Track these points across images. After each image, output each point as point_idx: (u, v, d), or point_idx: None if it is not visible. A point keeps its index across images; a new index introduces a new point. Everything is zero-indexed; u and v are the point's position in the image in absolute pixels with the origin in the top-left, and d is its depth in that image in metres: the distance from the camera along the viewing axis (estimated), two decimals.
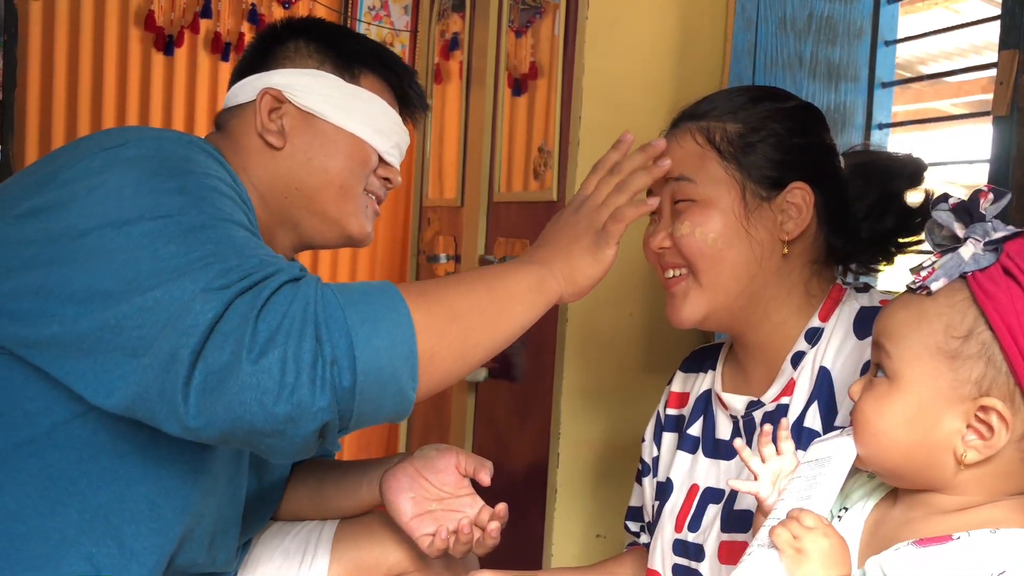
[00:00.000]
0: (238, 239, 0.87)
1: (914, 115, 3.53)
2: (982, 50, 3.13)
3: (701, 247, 1.02)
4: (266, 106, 1.11)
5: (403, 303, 0.84)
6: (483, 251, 2.22)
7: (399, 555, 1.26)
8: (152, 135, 0.96)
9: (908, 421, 0.78)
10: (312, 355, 0.79)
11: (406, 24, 3.46)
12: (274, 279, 0.83)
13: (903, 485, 0.82)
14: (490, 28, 2.18)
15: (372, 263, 3.57)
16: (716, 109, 1.07)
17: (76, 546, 0.92)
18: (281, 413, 0.78)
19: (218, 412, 0.79)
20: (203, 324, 0.78)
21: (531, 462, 1.86)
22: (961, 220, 0.78)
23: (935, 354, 0.77)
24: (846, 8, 1.66)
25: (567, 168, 1.71)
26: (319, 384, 0.79)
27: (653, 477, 1.21)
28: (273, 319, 0.79)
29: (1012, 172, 1.20)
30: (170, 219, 0.85)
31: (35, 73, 2.96)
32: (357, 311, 0.82)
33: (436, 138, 2.76)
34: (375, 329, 0.82)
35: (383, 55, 1.21)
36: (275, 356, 0.78)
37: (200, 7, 3.11)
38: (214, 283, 0.80)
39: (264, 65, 1.15)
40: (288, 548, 1.28)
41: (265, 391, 0.78)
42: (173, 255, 0.82)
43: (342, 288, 0.85)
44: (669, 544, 1.10)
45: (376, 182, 1.18)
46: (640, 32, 1.69)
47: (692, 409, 1.17)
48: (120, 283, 0.82)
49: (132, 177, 0.89)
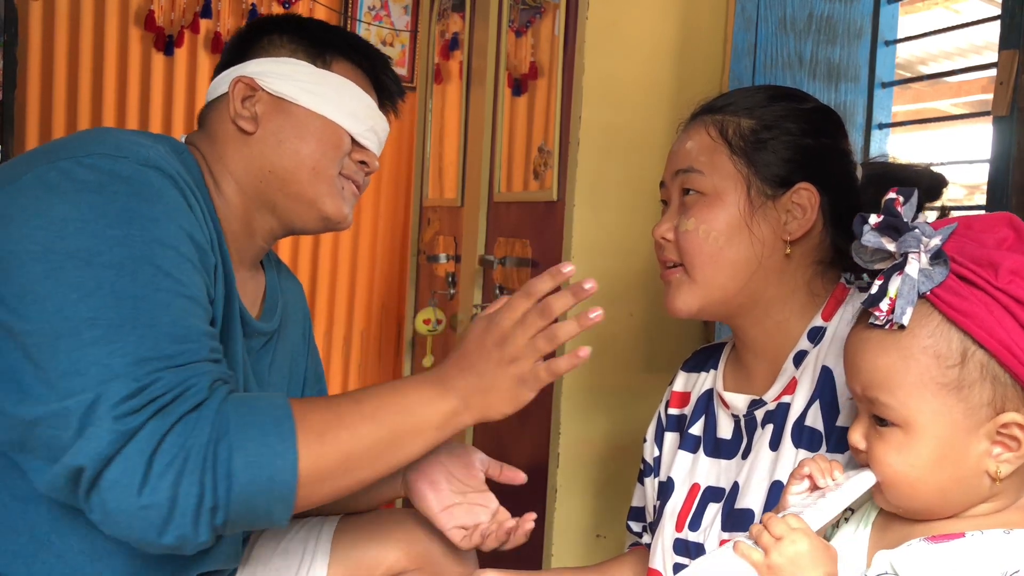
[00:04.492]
0: (163, 326, 0.89)
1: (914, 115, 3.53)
2: (982, 50, 3.13)
3: (701, 245, 1.03)
4: (239, 93, 1.14)
5: (293, 449, 0.89)
6: (483, 251, 2.22)
7: (399, 555, 1.26)
8: (114, 151, 0.95)
9: (936, 463, 0.75)
10: (197, 498, 0.85)
11: (406, 24, 3.46)
12: (179, 403, 0.87)
13: (939, 516, 0.78)
14: (490, 28, 2.18)
15: (372, 263, 3.57)
16: (733, 104, 1.07)
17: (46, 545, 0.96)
18: (167, 542, 0.87)
19: (113, 528, 0.87)
20: (105, 452, 0.84)
21: (531, 462, 1.85)
22: (888, 236, 0.76)
23: (937, 391, 0.74)
24: (846, 8, 1.66)
25: (567, 168, 1.71)
26: (202, 524, 0.87)
27: (655, 477, 1.21)
28: (168, 454, 0.85)
29: (1012, 172, 1.20)
30: (105, 273, 0.88)
31: (35, 73, 2.96)
32: (245, 454, 0.87)
33: (436, 138, 2.76)
34: (257, 474, 0.87)
35: (356, 43, 1.23)
36: (164, 496, 0.84)
37: (200, 7, 3.11)
38: (122, 408, 0.84)
39: (241, 58, 1.18)
40: (287, 547, 1.28)
41: (151, 524, 0.85)
42: (92, 343, 0.86)
43: (243, 419, 0.89)
44: (670, 543, 1.10)
45: (352, 165, 1.19)
46: (640, 32, 1.69)
47: (694, 408, 1.17)
48: (37, 378, 0.86)
49: (78, 211, 0.90)
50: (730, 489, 1.05)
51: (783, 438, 1.00)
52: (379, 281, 3.61)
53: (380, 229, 3.58)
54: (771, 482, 0.99)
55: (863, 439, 0.80)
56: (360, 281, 3.56)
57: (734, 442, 1.09)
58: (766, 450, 1.02)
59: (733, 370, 1.14)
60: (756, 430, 1.05)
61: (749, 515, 1.00)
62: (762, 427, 1.04)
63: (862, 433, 0.81)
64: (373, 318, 3.59)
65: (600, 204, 1.69)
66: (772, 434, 1.02)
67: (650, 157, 1.71)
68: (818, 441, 0.98)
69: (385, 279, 3.62)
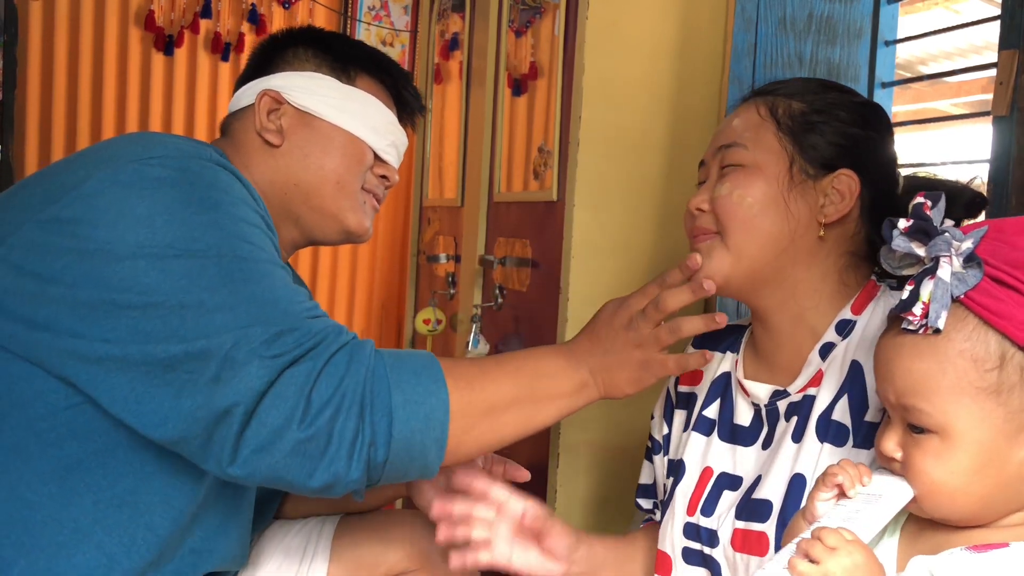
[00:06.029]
0: (278, 287, 0.91)
1: (914, 115, 3.54)
2: (982, 50, 3.13)
3: (736, 209, 1.02)
4: (265, 106, 1.16)
5: (445, 389, 0.91)
6: (483, 251, 2.22)
7: (399, 554, 1.26)
8: (176, 152, 0.97)
9: (979, 470, 0.74)
10: (354, 432, 0.86)
11: (406, 24, 3.46)
12: (324, 347, 0.88)
13: (977, 524, 0.77)
14: (490, 28, 2.18)
15: (372, 263, 3.57)
16: (787, 88, 1.08)
17: (90, 536, 0.94)
18: (318, 479, 0.87)
19: (261, 468, 0.86)
20: (258, 387, 0.84)
21: (531, 462, 1.85)
22: (918, 240, 0.75)
23: (976, 395, 0.73)
24: (846, 8, 1.66)
25: (567, 168, 1.71)
26: (356, 460, 0.87)
27: (664, 455, 1.20)
28: (326, 391, 0.86)
29: (1012, 172, 1.20)
30: (207, 260, 0.89)
31: (35, 73, 2.96)
32: (402, 391, 0.89)
33: (436, 138, 2.76)
34: (415, 411, 0.89)
35: (379, 59, 1.26)
36: (323, 428, 0.85)
37: (200, 7, 3.11)
38: (267, 350, 0.85)
39: (265, 71, 1.21)
40: (288, 547, 1.28)
41: (309, 458, 0.85)
42: (218, 308, 0.86)
43: (394, 362, 0.91)
44: (680, 527, 1.09)
45: (373, 180, 1.23)
46: (640, 32, 1.69)
47: (708, 390, 1.15)
48: (166, 327, 0.86)
49: (162, 204, 0.90)
50: (752, 480, 1.04)
51: (807, 431, 1.00)
52: (379, 281, 3.61)
53: (380, 229, 3.58)
54: (792, 474, 0.99)
55: (898, 447, 0.79)
56: (360, 281, 3.56)
57: (753, 430, 1.08)
58: (789, 442, 1.01)
59: (752, 357, 1.13)
60: (779, 421, 1.04)
61: (767, 506, 0.99)
62: (786, 419, 1.03)
63: (897, 441, 0.79)
64: (373, 318, 3.59)
65: (600, 204, 1.69)
66: (796, 426, 1.01)
67: (650, 157, 1.71)
68: (844, 436, 0.97)
69: (385, 279, 3.63)
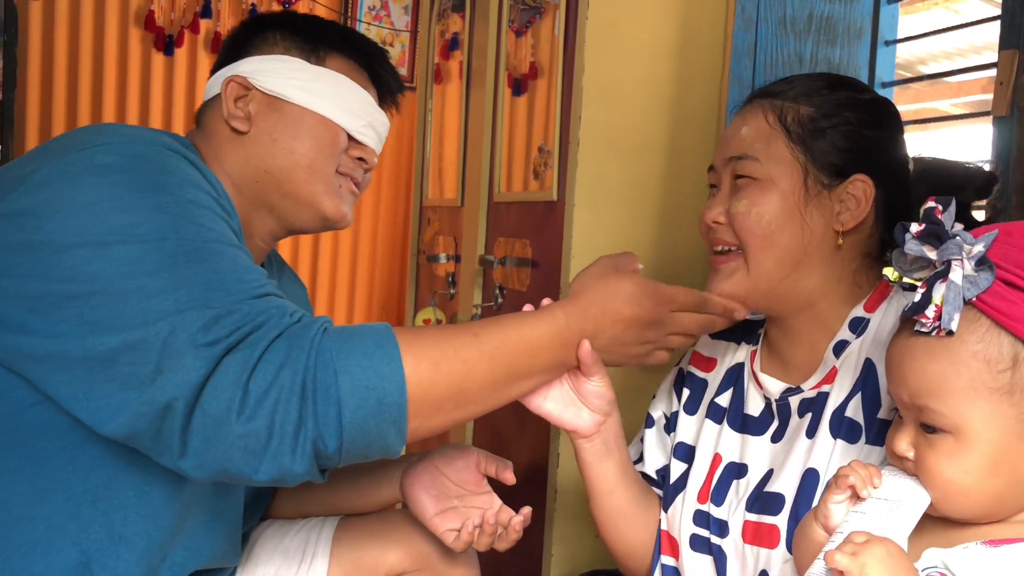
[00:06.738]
0: (224, 267, 0.88)
1: (914, 115, 3.53)
2: (982, 50, 3.13)
3: (754, 227, 1.02)
4: (231, 93, 1.13)
5: (400, 370, 0.85)
6: (483, 251, 2.22)
7: (399, 555, 1.26)
8: (125, 138, 0.95)
9: (992, 469, 0.75)
10: (296, 425, 0.83)
11: (406, 24, 3.47)
12: (264, 332, 0.84)
13: (990, 521, 0.78)
14: (490, 28, 2.18)
15: (372, 263, 3.57)
16: (792, 90, 1.06)
17: (64, 532, 0.93)
18: (264, 473, 0.84)
19: (210, 461, 0.84)
20: (195, 380, 0.81)
21: (531, 462, 1.85)
22: (930, 244, 0.76)
23: (989, 395, 0.74)
24: (846, 8, 1.66)
25: (567, 168, 1.71)
26: (299, 453, 0.83)
27: (669, 433, 1.20)
28: (263, 381, 0.82)
29: (1012, 172, 1.20)
30: (149, 244, 0.86)
31: (35, 73, 2.97)
32: (350, 376, 0.84)
33: (436, 138, 2.76)
34: (366, 397, 0.84)
35: (349, 37, 1.21)
36: (263, 421, 0.82)
37: (200, 7, 3.11)
38: (204, 337, 0.82)
39: (234, 58, 1.17)
40: (288, 548, 1.28)
41: (252, 452, 0.83)
42: (159, 292, 0.84)
43: (343, 344, 0.86)
44: (690, 514, 1.09)
45: (350, 163, 1.18)
46: (640, 32, 1.69)
47: (723, 379, 1.16)
48: (107, 316, 0.84)
49: (107, 191, 0.89)
50: (764, 475, 1.04)
51: (820, 427, 1.00)
52: (379, 281, 3.61)
53: (380, 229, 3.58)
54: (805, 469, 0.99)
55: (911, 447, 0.79)
56: (360, 281, 3.57)
57: (762, 421, 1.08)
58: (803, 438, 1.01)
59: (768, 353, 1.13)
60: (791, 417, 1.04)
61: (779, 499, 1.00)
62: (799, 416, 1.03)
63: (909, 441, 0.80)
64: (373, 318, 3.59)
65: (600, 204, 1.69)
66: (810, 422, 1.01)
67: (650, 157, 1.71)
68: (857, 433, 0.97)
69: (385, 279, 3.63)
